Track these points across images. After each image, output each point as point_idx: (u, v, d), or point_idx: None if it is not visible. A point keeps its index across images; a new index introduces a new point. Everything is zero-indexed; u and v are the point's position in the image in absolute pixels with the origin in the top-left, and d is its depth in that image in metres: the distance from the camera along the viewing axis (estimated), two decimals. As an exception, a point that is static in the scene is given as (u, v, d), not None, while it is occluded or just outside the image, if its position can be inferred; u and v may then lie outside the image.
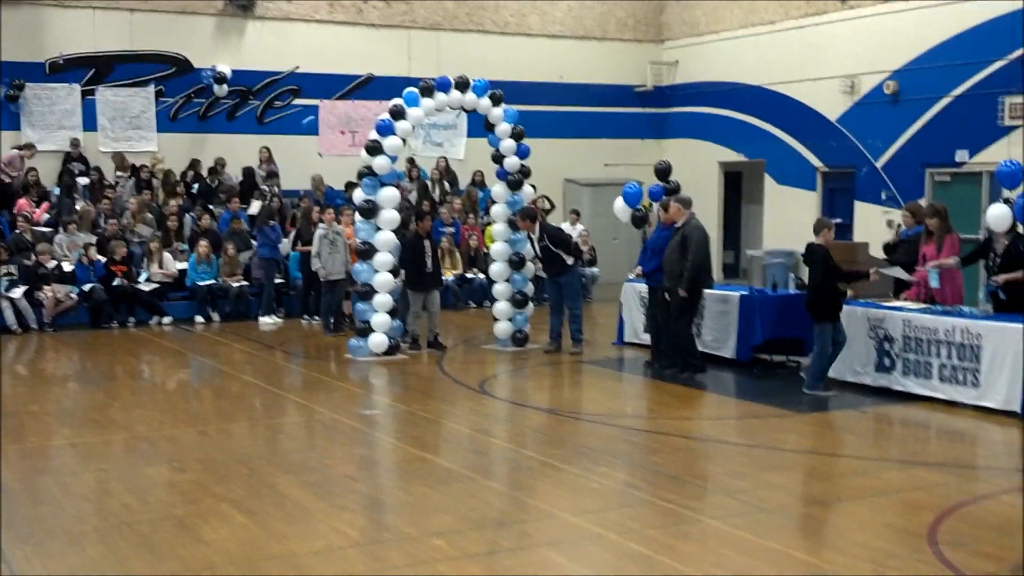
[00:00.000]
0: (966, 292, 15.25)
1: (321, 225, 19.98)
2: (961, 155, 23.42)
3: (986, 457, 11.88)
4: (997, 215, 14.23)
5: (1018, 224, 14.42)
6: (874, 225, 24.84)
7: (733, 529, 8.84)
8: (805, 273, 25.58)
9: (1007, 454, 11.79)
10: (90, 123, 25.73)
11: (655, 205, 17.56)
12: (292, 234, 22.65)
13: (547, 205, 26.61)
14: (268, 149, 26.47)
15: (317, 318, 21.25)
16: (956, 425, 12.92)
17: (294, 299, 22.82)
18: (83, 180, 24.40)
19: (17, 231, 22.08)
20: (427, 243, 18.08)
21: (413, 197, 25.24)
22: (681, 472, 10.68)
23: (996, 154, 21.72)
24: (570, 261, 17.71)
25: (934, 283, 14.44)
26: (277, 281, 22.76)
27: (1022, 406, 12.70)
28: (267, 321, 21.95)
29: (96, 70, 25.81)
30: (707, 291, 15.98)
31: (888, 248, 16.52)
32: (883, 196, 25.25)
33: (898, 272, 15.32)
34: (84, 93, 25.69)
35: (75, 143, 25.09)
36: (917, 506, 9.50)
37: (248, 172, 26.13)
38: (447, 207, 25.63)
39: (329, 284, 19.99)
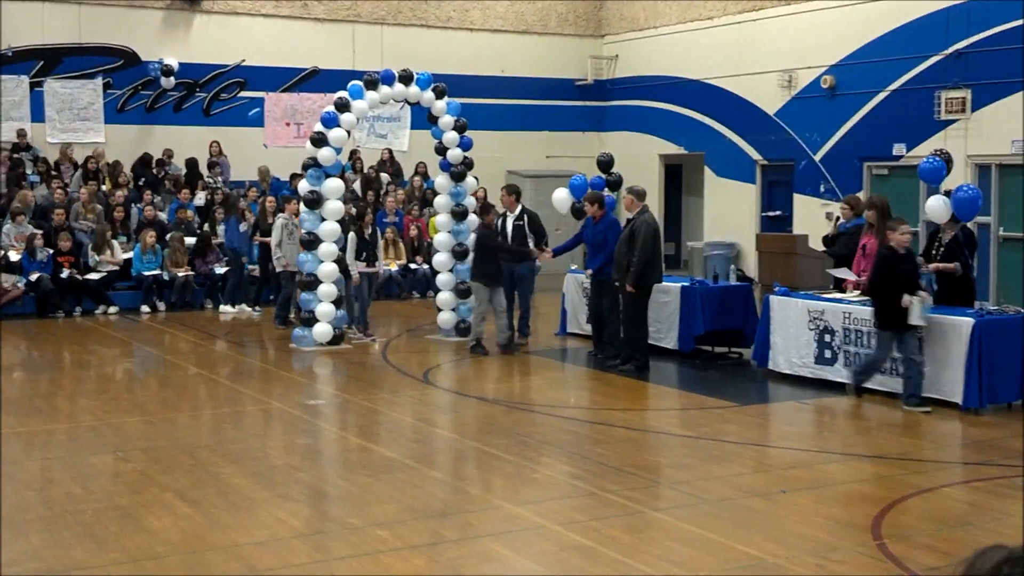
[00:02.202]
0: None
1: (281, 216, 19.67)
2: (898, 149, 23.70)
3: (928, 450, 11.90)
4: (935, 206, 14.35)
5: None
6: (813, 217, 25.11)
7: (676, 520, 8.92)
8: (747, 264, 26.06)
9: (949, 446, 11.95)
10: (38, 114, 25.73)
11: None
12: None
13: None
14: (218, 143, 26.49)
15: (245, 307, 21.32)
16: (897, 417, 12.97)
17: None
18: (32, 178, 24.28)
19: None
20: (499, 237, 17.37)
21: (357, 187, 25.26)
22: (624, 463, 10.73)
23: (933, 148, 21.94)
24: (534, 252, 17.76)
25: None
26: (222, 271, 22.78)
27: (964, 399, 12.83)
28: (230, 310, 21.91)
29: (44, 62, 25.89)
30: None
31: (827, 240, 16.66)
32: (821, 189, 25.52)
33: (844, 273, 15.45)
34: (32, 85, 25.72)
35: (21, 133, 25.02)
36: (860, 498, 9.61)
37: (192, 163, 26.08)
38: (391, 198, 25.66)
39: (287, 276, 19.43)
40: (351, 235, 17.91)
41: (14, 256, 21.50)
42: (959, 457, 11.41)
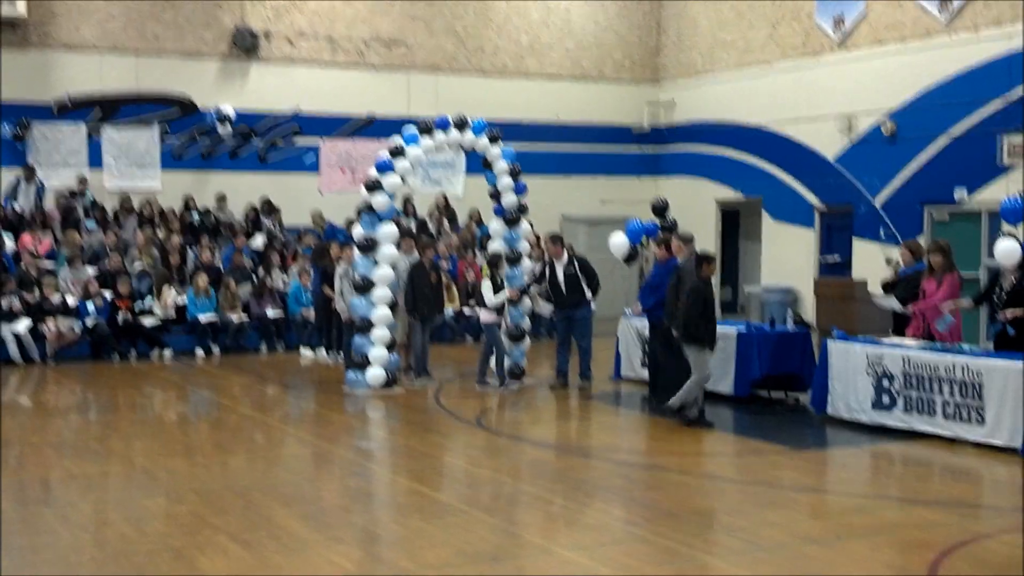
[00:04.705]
0: (965, 329, 15.20)
1: (341, 263, 19.22)
2: (960, 194, 23.49)
3: (988, 496, 11.79)
4: (1006, 249, 14.13)
5: None
6: (872, 263, 24.88)
7: (731, 567, 8.82)
8: (805, 310, 25.83)
9: (1009, 492, 11.71)
10: (95, 161, 26.13)
11: (651, 242, 17.58)
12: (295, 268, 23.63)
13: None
14: (269, 201, 26.86)
15: (324, 352, 21.32)
16: (956, 463, 12.85)
17: (292, 333, 22.98)
18: (89, 223, 24.52)
19: (22, 265, 22.20)
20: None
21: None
22: (678, 508, 10.62)
23: (995, 193, 21.81)
24: (588, 295, 17.68)
25: (941, 327, 14.38)
26: (274, 314, 22.95)
27: (1023, 444, 12.64)
28: (309, 355, 21.91)
29: (102, 110, 26.22)
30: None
31: (887, 286, 16.54)
32: (882, 234, 25.30)
33: (893, 303, 15.33)
34: (90, 132, 26.10)
35: (82, 180, 25.40)
36: (917, 545, 9.43)
37: (252, 210, 26.58)
38: (445, 243, 25.70)
39: (350, 324, 18.44)
40: (485, 283, 17.70)
41: (71, 300, 21.69)
42: (1018, 504, 11.19)
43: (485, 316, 17.71)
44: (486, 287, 17.66)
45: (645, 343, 17.59)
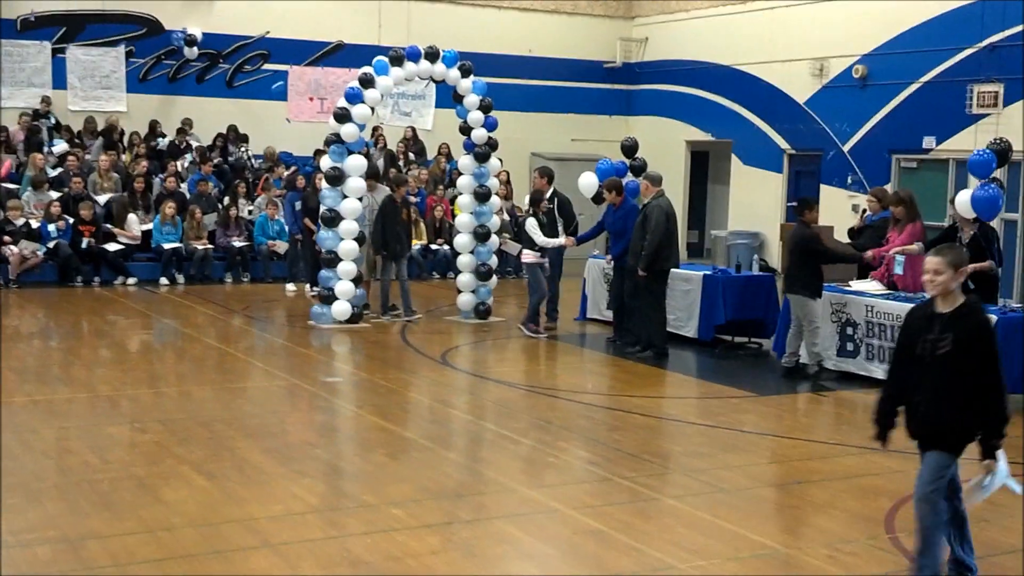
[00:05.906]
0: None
1: None
2: (928, 142, 23.54)
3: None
4: (965, 201, 14.21)
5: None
6: (840, 209, 24.95)
7: (690, 508, 8.90)
8: (771, 255, 25.93)
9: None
10: (60, 81, 25.71)
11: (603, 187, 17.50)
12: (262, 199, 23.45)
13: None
14: (235, 128, 26.52)
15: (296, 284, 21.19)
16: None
17: (259, 263, 22.91)
18: (59, 146, 24.19)
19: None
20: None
21: (380, 165, 25.20)
22: (640, 450, 10.72)
23: (964, 142, 21.87)
24: (562, 239, 17.35)
25: (898, 270, 14.50)
26: (240, 245, 22.83)
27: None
28: (291, 288, 21.47)
29: (67, 28, 25.82)
30: (672, 270, 15.91)
31: (853, 233, 16.60)
32: (849, 180, 25.38)
33: (847, 248, 15.49)
34: (54, 51, 25.69)
35: (46, 100, 25.04)
36: (875, 492, 9.56)
37: (221, 137, 26.26)
38: (413, 177, 25.58)
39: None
40: (531, 221, 17.12)
41: (35, 224, 21.52)
42: (976, 454, 11.31)
43: (528, 256, 17.25)
44: (531, 225, 17.07)
45: (611, 285, 17.62)
